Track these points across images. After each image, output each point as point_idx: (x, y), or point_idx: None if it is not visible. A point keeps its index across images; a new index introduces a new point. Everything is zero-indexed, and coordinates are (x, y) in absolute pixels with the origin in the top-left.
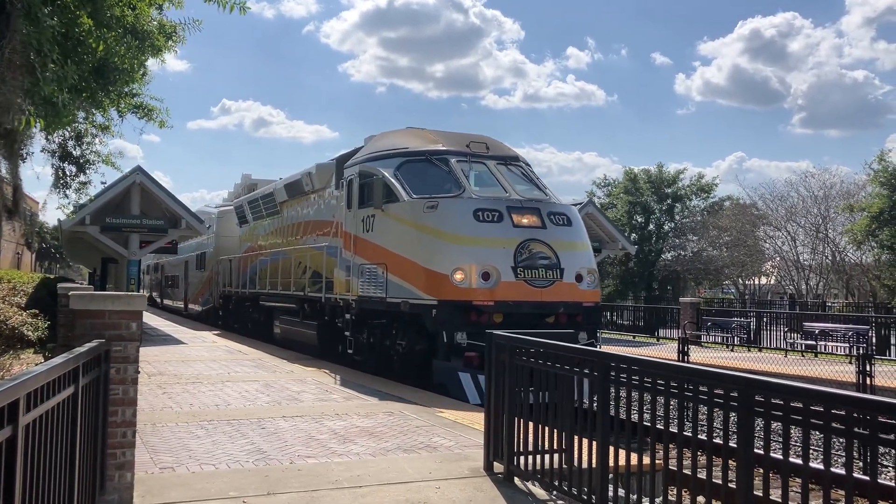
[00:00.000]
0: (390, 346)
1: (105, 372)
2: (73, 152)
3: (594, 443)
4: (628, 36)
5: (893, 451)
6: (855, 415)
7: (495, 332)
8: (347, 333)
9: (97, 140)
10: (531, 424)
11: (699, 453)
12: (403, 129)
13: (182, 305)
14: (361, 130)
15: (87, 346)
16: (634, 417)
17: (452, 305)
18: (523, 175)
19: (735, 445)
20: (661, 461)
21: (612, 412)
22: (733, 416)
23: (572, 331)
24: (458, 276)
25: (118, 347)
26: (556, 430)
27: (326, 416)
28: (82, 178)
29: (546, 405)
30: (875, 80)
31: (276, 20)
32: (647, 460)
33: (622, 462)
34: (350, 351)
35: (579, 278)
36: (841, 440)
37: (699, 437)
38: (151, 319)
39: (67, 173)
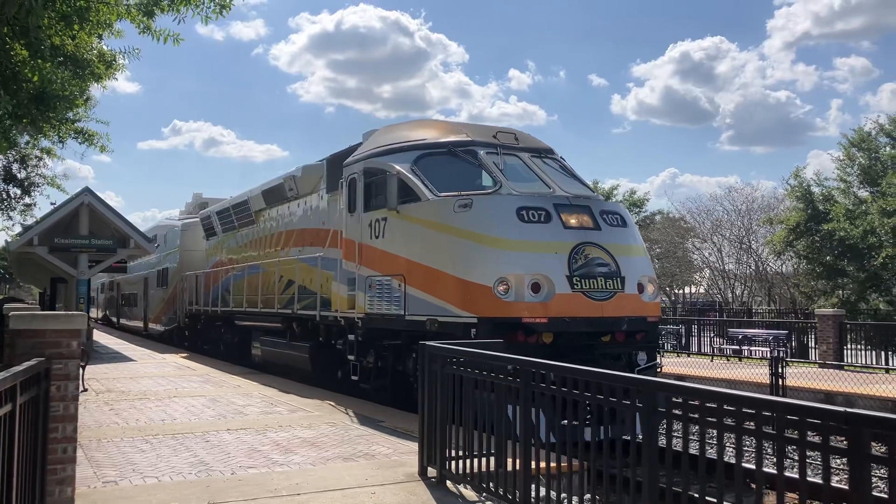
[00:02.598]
0: (408, 372)
1: (45, 389)
2: (18, 175)
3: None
4: (566, 59)
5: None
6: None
7: (427, 343)
8: (351, 357)
9: (42, 163)
10: (462, 430)
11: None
12: (415, 120)
13: (141, 325)
14: (311, 150)
15: (26, 364)
16: None
17: (496, 323)
18: (562, 169)
19: None
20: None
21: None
22: None
23: (635, 351)
24: (503, 287)
25: (59, 365)
26: (485, 436)
27: (270, 429)
28: (27, 200)
29: (476, 412)
30: (796, 101)
31: (226, 42)
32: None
33: (553, 465)
34: (355, 377)
35: (641, 288)
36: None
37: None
38: (105, 339)
39: (12, 195)
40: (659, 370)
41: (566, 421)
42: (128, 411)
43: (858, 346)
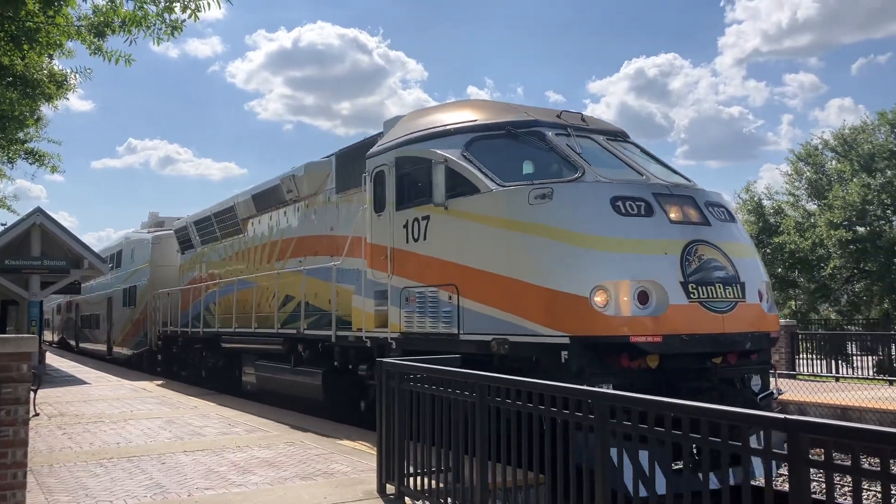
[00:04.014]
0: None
1: None
2: None
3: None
4: (524, 76)
5: None
6: None
7: (384, 359)
8: None
9: None
10: (420, 446)
11: None
12: (453, 101)
13: (104, 349)
14: (271, 166)
15: None
16: None
17: (594, 344)
18: (644, 154)
19: None
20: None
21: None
22: None
23: (748, 375)
24: (601, 298)
25: (8, 389)
26: (443, 451)
27: (228, 449)
28: None
29: (433, 427)
30: (749, 116)
31: (182, 60)
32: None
33: (509, 479)
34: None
35: (760, 297)
36: None
37: None
38: (59, 363)
39: None
40: (776, 398)
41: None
42: (81, 435)
43: (810, 356)
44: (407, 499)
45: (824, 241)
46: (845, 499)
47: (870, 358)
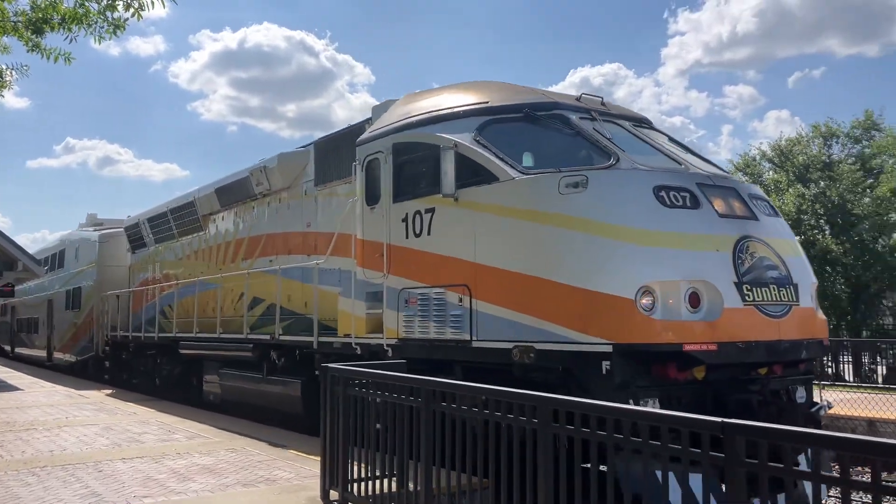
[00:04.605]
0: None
1: None
2: None
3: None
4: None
5: None
6: None
7: (329, 365)
8: None
9: None
10: (365, 452)
11: None
12: (457, 84)
13: (44, 355)
14: (213, 168)
15: None
16: None
17: (643, 353)
18: (673, 143)
19: None
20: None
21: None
22: None
23: (793, 386)
24: (647, 300)
25: None
26: (388, 457)
27: (167, 456)
28: None
29: (378, 432)
30: (690, 126)
31: (123, 58)
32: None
33: (453, 483)
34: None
35: (811, 300)
36: None
37: None
38: None
39: None
40: (825, 412)
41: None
42: (13, 443)
43: None
44: None
45: None
46: None
47: None
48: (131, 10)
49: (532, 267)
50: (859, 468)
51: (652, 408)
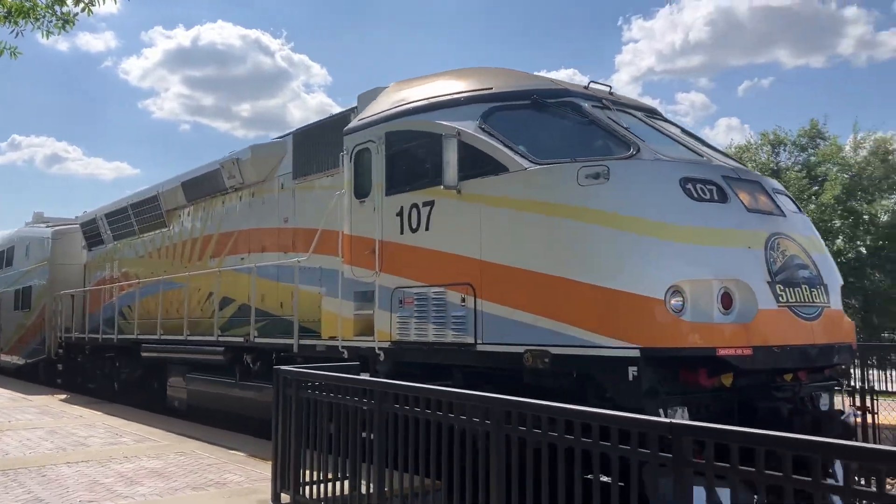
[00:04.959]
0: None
1: None
2: None
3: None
4: None
5: None
6: None
7: (281, 367)
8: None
9: None
10: (317, 455)
11: None
12: (452, 70)
13: None
14: (165, 167)
15: None
16: None
17: (672, 359)
18: (686, 134)
19: None
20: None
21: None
22: None
23: (817, 393)
24: (677, 300)
25: None
26: (340, 459)
27: (114, 460)
28: None
29: (331, 435)
30: None
31: (72, 54)
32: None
33: (406, 485)
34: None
35: (840, 301)
36: None
37: None
38: None
39: None
40: (855, 420)
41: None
42: None
43: None
44: None
45: None
46: None
47: None
48: (81, 4)
49: (548, 264)
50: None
51: (681, 417)
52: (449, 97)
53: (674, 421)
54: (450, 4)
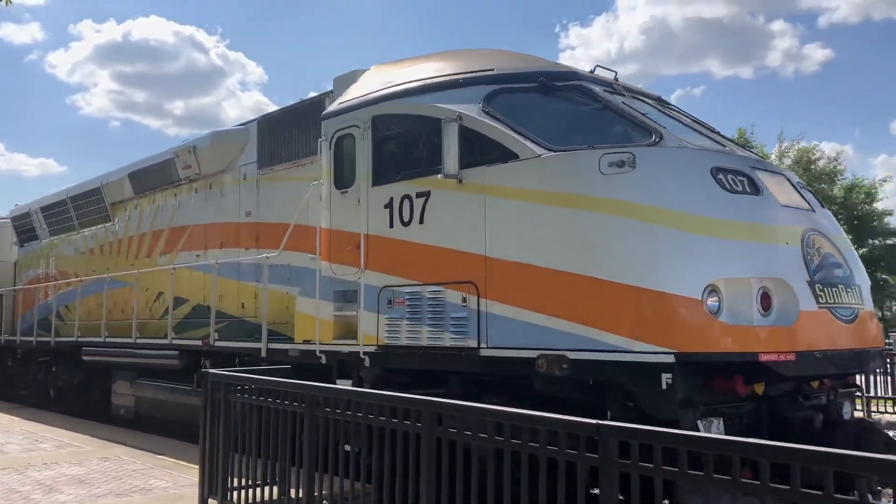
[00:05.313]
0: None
1: None
2: None
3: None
4: None
5: None
6: None
7: (209, 370)
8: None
9: None
10: (246, 459)
11: None
12: (448, 51)
13: None
14: (95, 164)
15: None
16: None
17: (710, 365)
18: (698, 124)
19: None
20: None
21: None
22: None
23: (840, 400)
24: (713, 301)
25: None
26: (270, 463)
27: (32, 467)
28: None
29: (261, 439)
30: None
31: None
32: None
33: (336, 489)
34: (350, 448)
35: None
36: None
37: None
38: None
39: None
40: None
41: None
42: None
43: None
44: None
45: None
46: None
47: None
48: None
49: (566, 261)
50: None
51: (717, 430)
52: (446, 78)
53: (601, 422)
54: (385, 8)
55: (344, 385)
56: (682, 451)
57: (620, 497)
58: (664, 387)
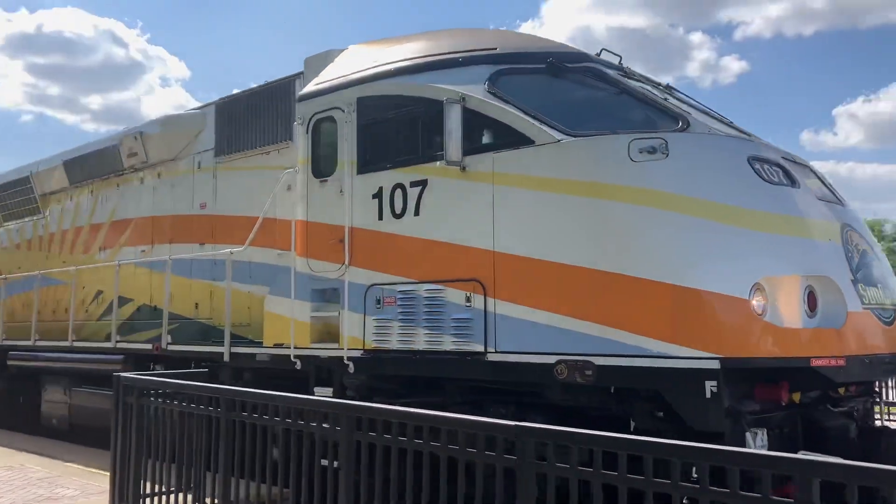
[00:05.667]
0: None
1: None
2: None
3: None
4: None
5: None
6: None
7: (121, 374)
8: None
9: None
10: (159, 465)
11: None
12: (443, 29)
13: None
14: (4, 160)
15: None
16: None
17: (757, 371)
18: (710, 112)
19: None
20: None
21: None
22: None
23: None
24: (758, 300)
25: None
26: (185, 469)
27: None
28: None
29: (175, 444)
30: None
31: None
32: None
33: (252, 494)
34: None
35: None
36: None
37: None
38: None
39: None
40: None
41: None
42: None
43: None
44: None
45: None
46: None
47: None
48: None
49: (592, 256)
50: None
51: (761, 442)
52: (444, 57)
53: (519, 424)
54: (316, 5)
55: (323, 393)
56: (598, 452)
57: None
58: (708, 395)
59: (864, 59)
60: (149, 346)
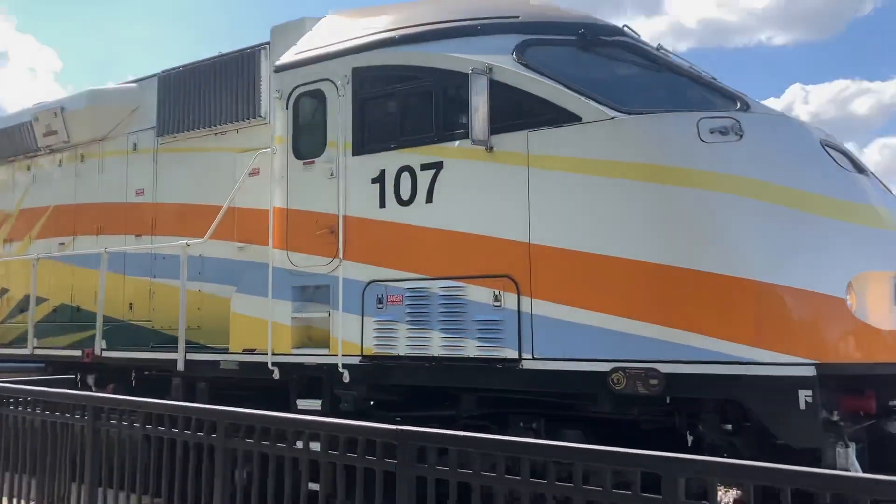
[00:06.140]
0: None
1: None
2: None
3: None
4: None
5: None
6: None
7: None
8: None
9: None
10: (17, 478)
11: None
12: None
13: None
14: None
15: None
16: None
17: (854, 378)
18: None
19: None
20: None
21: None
22: None
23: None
24: (850, 299)
25: None
26: (48, 480)
27: None
28: None
29: (37, 455)
30: None
31: None
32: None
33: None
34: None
35: None
36: None
37: None
38: None
39: None
40: None
41: None
42: None
43: None
44: None
45: None
46: None
47: None
48: None
49: (657, 249)
50: None
51: (852, 458)
52: (459, 24)
53: (399, 427)
54: (191, 2)
55: (308, 406)
56: (476, 455)
57: None
58: (803, 406)
59: (730, 78)
60: (77, 353)
